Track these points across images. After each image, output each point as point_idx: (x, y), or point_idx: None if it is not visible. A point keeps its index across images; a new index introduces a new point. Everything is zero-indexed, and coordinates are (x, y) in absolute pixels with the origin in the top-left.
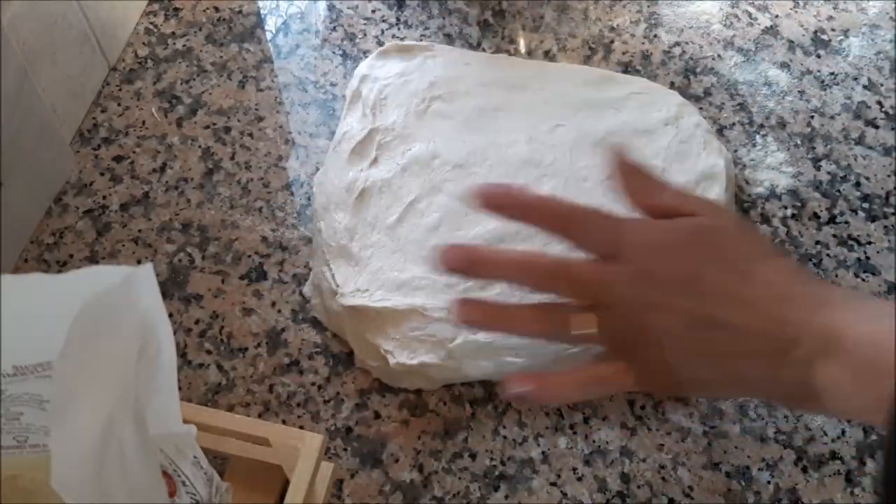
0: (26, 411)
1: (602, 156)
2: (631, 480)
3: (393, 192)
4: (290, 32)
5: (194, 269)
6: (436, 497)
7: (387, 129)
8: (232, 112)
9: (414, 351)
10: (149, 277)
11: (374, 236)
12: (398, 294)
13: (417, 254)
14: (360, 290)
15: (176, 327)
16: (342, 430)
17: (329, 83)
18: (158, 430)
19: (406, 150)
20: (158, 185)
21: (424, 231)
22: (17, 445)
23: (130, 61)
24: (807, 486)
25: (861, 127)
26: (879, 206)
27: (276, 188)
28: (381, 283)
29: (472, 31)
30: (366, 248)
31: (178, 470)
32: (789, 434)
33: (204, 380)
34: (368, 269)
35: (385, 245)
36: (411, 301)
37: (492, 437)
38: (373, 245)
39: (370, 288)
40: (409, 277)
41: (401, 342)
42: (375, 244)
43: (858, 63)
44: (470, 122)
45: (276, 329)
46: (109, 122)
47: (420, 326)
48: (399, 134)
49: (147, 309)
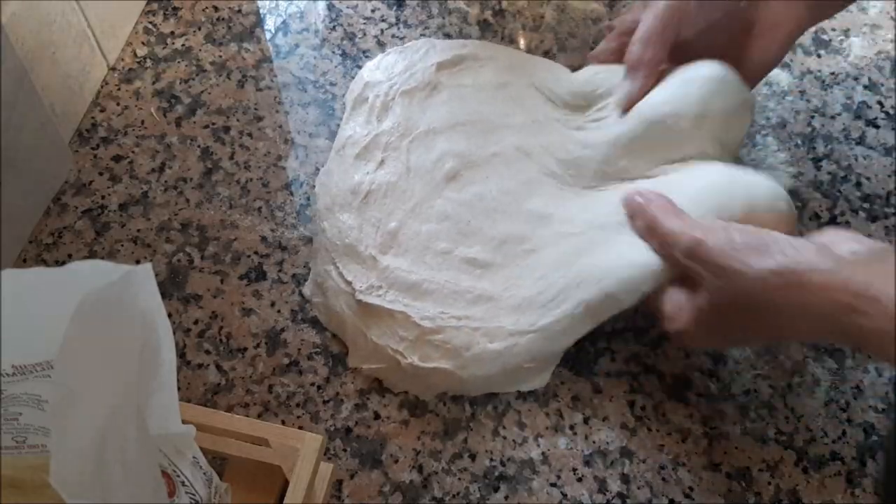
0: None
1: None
2: (631, 481)
3: (398, 195)
4: (289, 32)
5: (193, 269)
6: (435, 497)
7: (392, 129)
8: (231, 112)
9: (427, 355)
10: (147, 277)
11: (380, 237)
12: (408, 296)
13: (423, 256)
14: (374, 286)
15: (175, 327)
16: (341, 430)
17: (328, 83)
18: (158, 430)
19: (410, 142)
20: (157, 184)
21: (429, 234)
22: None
23: (129, 61)
24: (807, 486)
25: (862, 127)
26: (880, 207)
27: (276, 188)
28: (392, 282)
29: (472, 31)
30: (373, 248)
31: (178, 470)
32: (790, 435)
33: (203, 380)
34: (378, 267)
35: (392, 246)
36: (424, 305)
37: (491, 438)
38: (379, 245)
39: (383, 286)
40: (419, 280)
41: (413, 344)
42: (382, 245)
43: (859, 63)
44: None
45: (275, 329)
46: (108, 122)
47: (435, 331)
48: (405, 129)
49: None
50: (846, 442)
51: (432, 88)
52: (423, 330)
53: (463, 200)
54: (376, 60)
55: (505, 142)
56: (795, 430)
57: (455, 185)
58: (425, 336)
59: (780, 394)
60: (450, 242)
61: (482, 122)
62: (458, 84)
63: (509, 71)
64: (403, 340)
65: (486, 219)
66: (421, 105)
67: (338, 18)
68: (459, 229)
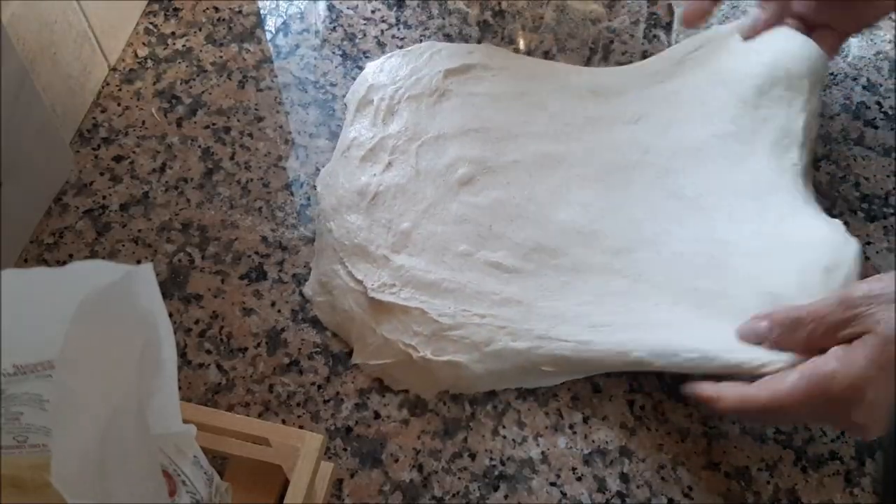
0: (26, 411)
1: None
2: (630, 480)
3: (408, 197)
4: (289, 32)
5: (194, 269)
6: (435, 497)
7: (400, 132)
8: (232, 112)
9: (442, 349)
10: (148, 277)
11: (392, 237)
12: (426, 294)
13: (441, 256)
14: (386, 284)
15: (176, 327)
16: (342, 429)
17: (329, 83)
18: (159, 429)
19: (419, 146)
20: (158, 185)
21: (446, 235)
22: (17, 445)
23: (130, 61)
24: (806, 486)
25: (860, 127)
26: (879, 207)
27: (276, 188)
28: (407, 280)
29: (472, 31)
30: (384, 248)
31: (179, 469)
32: (788, 434)
33: (204, 380)
34: (391, 266)
35: (406, 245)
36: (444, 303)
37: (491, 437)
38: (391, 245)
39: (397, 283)
40: (437, 279)
41: (427, 339)
42: (394, 244)
43: (858, 63)
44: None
45: (275, 329)
46: (109, 122)
47: (453, 327)
48: (413, 134)
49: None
50: (845, 441)
51: (440, 95)
52: (441, 325)
53: (481, 205)
54: (379, 62)
55: (527, 149)
56: (794, 429)
57: (470, 189)
58: (442, 332)
59: None
60: (470, 245)
61: (498, 129)
62: (470, 92)
63: (529, 80)
64: (417, 335)
65: (510, 224)
66: (429, 111)
67: (338, 19)
68: (480, 233)
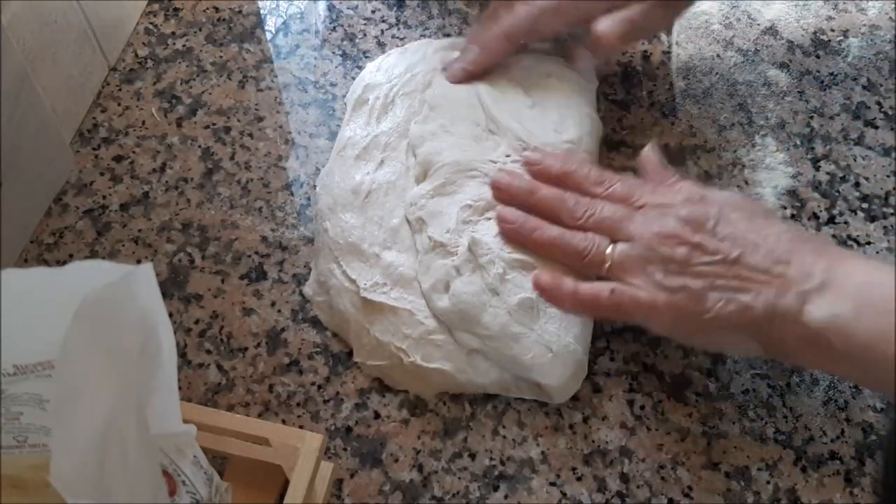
0: (26, 411)
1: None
2: (630, 480)
3: (398, 193)
4: (289, 32)
5: (194, 269)
6: (435, 497)
7: (392, 129)
8: (232, 112)
9: (429, 354)
10: (148, 277)
11: (383, 234)
12: (413, 293)
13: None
14: (378, 283)
15: (176, 327)
16: (342, 429)
17: (329, 83)
18: (159, 429)
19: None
20: (158, 185)
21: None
22: (17, 445)
23: (130, 61)
24: (806, 486)
25: (860, 127)
26: (879, 207)
27: (276, 188)
28: (396, 279)
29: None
30: (376, 246)
31: (178, 469)
32: (788, 434)
33: (204, 380)
34: (380, 264)
35: (395, 242)
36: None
37: (491, 437)
38: (381, 243)
39: (387, 282)
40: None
41: (416, 343)
42: (383, 242)
43: (858, 63)
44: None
45: (275, 329)
46: (109, 122)
47: (439, 331)
48: (404, 130)
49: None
50: (845, 441)
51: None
52: (427, 328)
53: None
54: (377, 62)
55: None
56: (794, 429)
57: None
58: (428, 335)
59: (778, 393)
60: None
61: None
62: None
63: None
64: (407, 338)
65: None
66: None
67: (338, 19)
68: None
